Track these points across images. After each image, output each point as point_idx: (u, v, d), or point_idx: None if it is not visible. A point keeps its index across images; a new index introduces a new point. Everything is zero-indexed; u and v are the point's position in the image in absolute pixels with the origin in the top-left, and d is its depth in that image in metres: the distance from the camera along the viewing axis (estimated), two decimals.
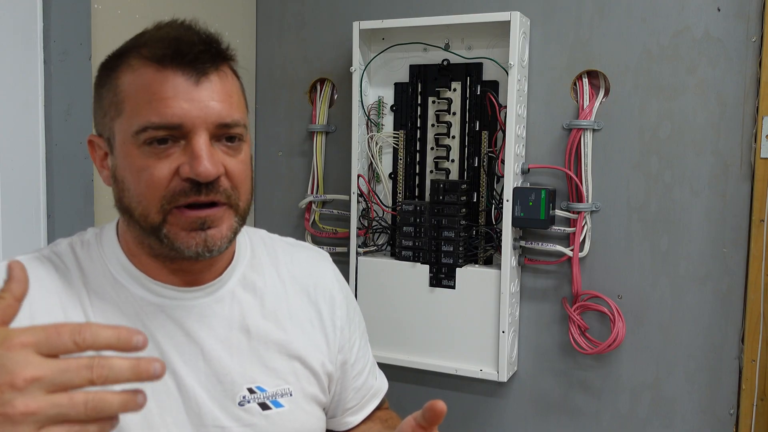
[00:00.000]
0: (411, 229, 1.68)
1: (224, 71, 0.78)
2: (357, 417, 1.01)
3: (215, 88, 0.75)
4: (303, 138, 1.93)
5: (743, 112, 1.49)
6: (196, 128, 0.74)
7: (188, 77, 0.74)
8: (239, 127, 0.77)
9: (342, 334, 0.95)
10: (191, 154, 0.73)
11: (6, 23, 1.28)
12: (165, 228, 0.75)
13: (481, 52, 1.65)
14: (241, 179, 0.78)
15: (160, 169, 0.74)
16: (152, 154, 0.74)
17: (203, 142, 0.74)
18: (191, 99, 0.74)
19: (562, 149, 1.63)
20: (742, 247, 1.51)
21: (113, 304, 0.80)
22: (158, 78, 0.74)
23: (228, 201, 0.77)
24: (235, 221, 0.79)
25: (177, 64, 0.74)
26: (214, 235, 0.76)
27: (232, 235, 0.79)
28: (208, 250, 0.76)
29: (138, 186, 0.75)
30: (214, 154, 0.75)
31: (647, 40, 1.55)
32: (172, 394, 0.79)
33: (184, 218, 0.75)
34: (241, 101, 0.80)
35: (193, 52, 0.74)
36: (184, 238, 0.76)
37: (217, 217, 0.76)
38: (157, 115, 0.73)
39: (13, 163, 1.31)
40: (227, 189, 0.76)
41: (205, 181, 0.73)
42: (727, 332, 1.53)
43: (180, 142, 0.74)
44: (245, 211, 0.80)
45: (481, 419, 1.77)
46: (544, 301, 1.68)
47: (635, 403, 1.62)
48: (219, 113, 0.75)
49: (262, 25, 1.96)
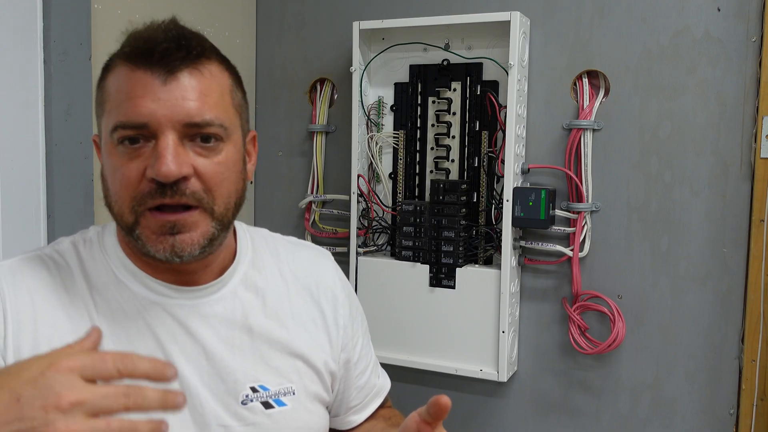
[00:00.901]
0: (411, 229, 1.68)
1: (200, 69, 0.76)
2: (360, 416, 1.01)
3: (186, 87, 0.74)
4: (303, 138, 1.93)
5: (743, 112, 1.49)
6: (162, 127, 0.73)
7: (157, 76, 0.73)
8: (213, 126, 0.75)
9: (345, 332, 0.95)
10: (155, 153, 0.73)
11: (6, 23, 1.28)
12: (138, 229, 0.75)
13: (481, 52, 1.65)
14: (216, 181, 0.76)
15: (130, 169, 0.74)
16: (125, 153, 0.74)
17: (169, 142, 0.72)
18: (158, 98, 0.73)
19: (562, 149, 1.63)
20: (742, 247, 1.51)
21: (116, 302, 0.80)
22: (131, 78, 0.74)
23: (200, 204, 0.75)
24: (212, 226, 0.76)
25: (147, 63, 0.73)
26: (184, 241, 0.75)
27: (206, 242, 0.76)
28: (177, 255, 0.75)
29: (114, 185, 0.76)
30: (182, 154, 0.73)
31: (647, 40, 1.56)
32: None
33: (154, 221, 0.74)
34: (223, 100, 0.77)
35: (159, 51, 0.73)
36: (154, 241, 0.75)
37: (188, 222, 0.75)
38: (125, 114, 0.73)
39: (13, 163, 1.30)
40: (197, 192, 0.74)
41: (166, 181, 0.72)
42: (727, 332, 1.53)
43: (151, 141, 0.74)
44: (224, 216, 0.78)
45: (481, 419, 1.77)
46: (544, 301, 1.69)
47: (635, 403, 1.62)
48: (188, 112, 0.73)
49: (262, 25, 1.96)
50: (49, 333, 0.76)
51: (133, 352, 0.56)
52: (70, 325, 0.77)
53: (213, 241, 0.77)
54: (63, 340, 0.75)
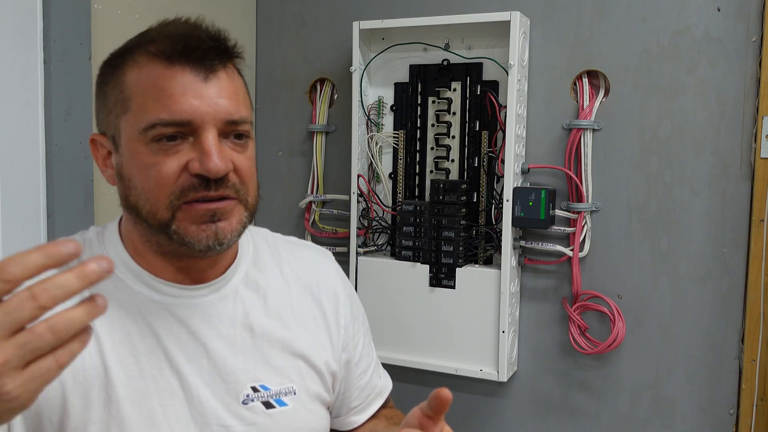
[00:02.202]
0: (411, 229, 1.68)
1: (231, 69, 0.79)
2: (361, 416, 1.01)
3: (223, 85, 0.76)
4: (303, 138, 1.93)
5: (743, 112, 1.49)
6: (205, 125, 0.74)
7: (197, 74, 0.74)
8: (246, 124, 0.78)
9: (346, 332, 0.95)
10: (201, 150, 0.73)
11: (6, 23, 1.27)
12: (174, 224, 0.75)
13: (481, 52, 1.65)
14: (249, 175, 0.79)
15: (168, 166, 0.74)
16: (160, 150, 0.74)
17: (213, 138, 0.74)
18: (200, 95, 0.74)
19: (562, 149, 1.63)
20: (742, 247, 1.51)
21: (116, 302, 0.79)
22: (166, 74, 0.74)
23: (237, 196, 0.77)
24: (244, 216, 0.79)
25: (185, 60, 0.74)
26: (225, 228, 0.76)
27: (242, 229, 0.79)
28: (218, 243, 0.76)
29: (146, 183, 0.75)
30: (223, 150, 0.75)
31: (647, 40, 1.56)
32: (176, 392, 0.79)
33: (194, 211, 0.75)
34: (246, 99, 0.81)
35: (202, 49, 0.74)
36: (195, 231, 0.75)
37: (227, 210, 0.76)
38: (166, 111, 0.73)
39: (13, 163, 1.30)
40: (236, 184, 0.77)
41: (215, 177, 0.74)
42: (727, 332, 1.53)
43: (188, 138, 0.74)
44: (254, 207, 0.81)
45: (481, 419, 1.77)
46: (544, 301, 1.69)
47: (635, 403, 1.62)
48: (227, 110, 0.75)
49: (262, 25, 1.96)
50: None
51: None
52: None
53: (243, 230, 0.80)
54: None
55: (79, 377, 0.75)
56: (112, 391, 0.76)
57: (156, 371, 0.79)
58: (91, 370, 0.76)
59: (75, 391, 0.75)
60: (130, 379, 0.77)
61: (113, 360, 0.77)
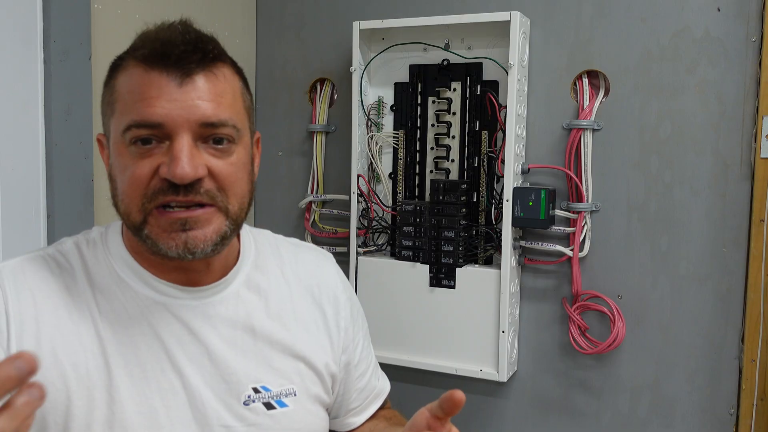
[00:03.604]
0: (411, 229, 1.68)
1: (215, 72, 0.76)
2: (360, 418, 1.01)
3: (202, 89, 0.75)
4: (303, 138, 1.93)
5: (743, 112, 1.49)
6: (178, 128, 0.73)
7: (172, 78, 0.74)
8: (227, 127, 0.76)
9: (346, 334, 0.95)
10: (171, 154, 0.73)
11: (6, 23, 1.27)
12: (146, 228, 0.75)
13: (481, 52, 1.65)
14: (230, 181, 0.77)
15: (141, 168, 0.74)
16: (137, 153, 0.74)
17: (184, 143, 0.73)
18: (174, 99, 0.73)
19: (562, 149, 1.63)
20: (742, 247, 1.51)
21: (119, 302, 0.80)
22: (145, 78, 0.74)
23: (214, 203, 0.76)
24: (225, 224, 0.77)
25: (162, 65, 0.74)
26: (196, 237, 0.75)
27: (219, 239, 0.77)
28: (189, 252, 0.75)
29: (123, 184, 0.76)
30: (196, 155, 0.74)
31: (647, 40, 1.56)
32: (178, 393, 0.80)
33: (164, 219, 0.75)
34: (235, 103, 0.79)
35: (176, 53, 0.74)
36: (165, 239, 0.75)
37: (201, 219, 0.75)
38: (139, 114, 0.73)
39: (13, 163, 1.30)
40: (211, 190, 0.75)
41: (180, 182, 0.73)
42: (727, 332, 1.53)
43: (164, 142, 0.74)
44: (238, 214, 0.79)
45: (481, 419, 1.77)
46: (544, 301, 1.69)
47: (635, 403, 1.62)
48: (203, 113, 0.74)
49: (262, 25, 1.96)
50: (51, 333, 0.76)
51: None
52: (73, 325, 0.77)
53: (225, 239, 0.78)
54: (65, 341, 0.76)
55: (82, 378, 0.76)
56: (114, 391, 0.76)
57: (158, 371, 0.79)
58: (94, 370, 0.76)
59: (79, 392, 0.75)
60: (133, 379, 0.78)
61: (116, 360, 0.77)
